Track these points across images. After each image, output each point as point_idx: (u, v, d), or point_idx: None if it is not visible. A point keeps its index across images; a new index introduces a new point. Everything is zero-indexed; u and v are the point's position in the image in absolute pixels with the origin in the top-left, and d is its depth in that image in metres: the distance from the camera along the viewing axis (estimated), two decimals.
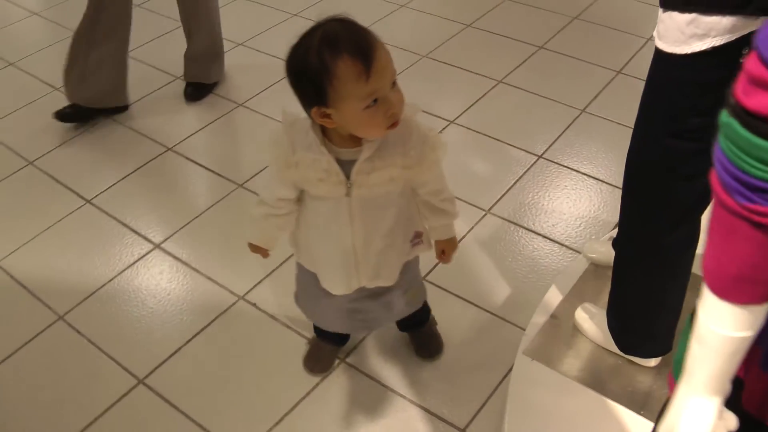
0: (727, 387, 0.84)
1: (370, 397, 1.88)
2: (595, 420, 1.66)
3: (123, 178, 2.67)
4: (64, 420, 1.89)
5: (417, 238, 1.60)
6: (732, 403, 0.88)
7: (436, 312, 1.97)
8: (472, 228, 2.35)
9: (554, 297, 1.95)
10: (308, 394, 1.89)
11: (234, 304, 2.14)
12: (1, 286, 2.27)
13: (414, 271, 1.72)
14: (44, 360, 2.04)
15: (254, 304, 2.14)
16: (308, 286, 1.68)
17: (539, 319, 1.89)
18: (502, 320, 2.05)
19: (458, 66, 3.16)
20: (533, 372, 1.78)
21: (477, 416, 1.82)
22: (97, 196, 2.59)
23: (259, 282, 2.19)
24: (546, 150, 2.65)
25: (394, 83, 1.28)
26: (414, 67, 3.16)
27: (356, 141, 1.36)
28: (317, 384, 1.91)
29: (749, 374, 0.89)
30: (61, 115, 2.84)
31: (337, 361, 1.94)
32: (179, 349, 2.04)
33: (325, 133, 1.37)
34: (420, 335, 1.95)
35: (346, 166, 1.38)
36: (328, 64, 1.21)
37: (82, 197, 2.58)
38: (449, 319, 2.04)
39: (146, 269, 2.27)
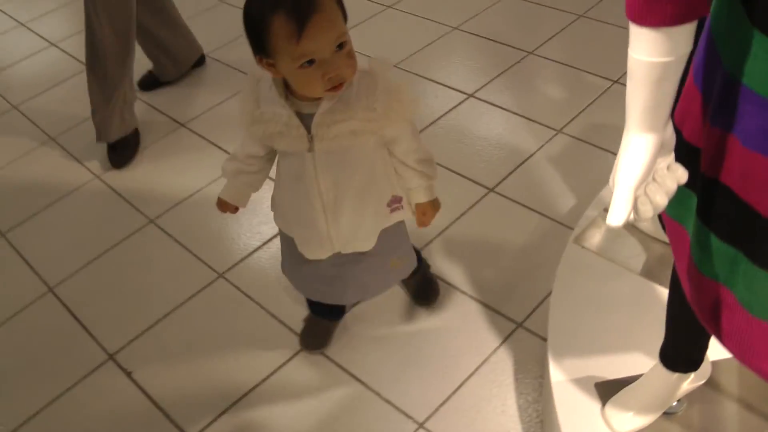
0: (661, 124, 0.87)
1: None
2: (641, 303, 1.68)
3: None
4: (151, 306, 2.07)
5: (396, 202, 1.56)
6: (692, 168, 0.92)
7: (500, 221, 2.01)
8: (543, 146, 2.40)
9: (608, 193, 1.97)
10: None
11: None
12: (102, 192, 2.49)
13: (398, 238, 1.66)
14: (135, 255, 2.23)
15: None
16: (290, 253, 1.65)
17: (592, 212, 1.91)
18: (565, 227, 2.09)
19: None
20: (581, 258, 1.79)
21: (534, 312, 1.87)
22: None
23: None
24: (621, 76, 2.65)
25: (342, 45, 1.26)
26: None
27: None
28: None
29: (704, 132, 0.92)
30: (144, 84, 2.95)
31: None
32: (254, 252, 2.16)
33: (288, 87, 1.36)
34: (414, 283, 1.92)
35: (307, 119, 1.37)
36: (265, 18, 1.21)
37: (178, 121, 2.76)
38: (514, 225, 2.09)
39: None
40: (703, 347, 1.37)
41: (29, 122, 2.93)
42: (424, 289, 1.93)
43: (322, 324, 1.89)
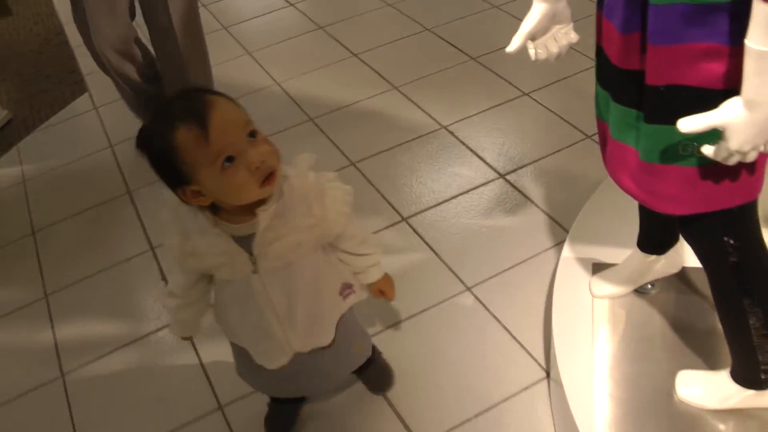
0: None
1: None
2: None
3: None
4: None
5: (347, 288, 1.54)
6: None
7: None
8: None
9: None
10: None
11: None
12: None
13: (352, 322, 1.64)
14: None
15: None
16: (242, 360, 1.61)
17: None
18: None
19: None
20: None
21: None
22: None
23: None
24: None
25: (253, 134, 1.21)
26: None
27: (251, 213, 1.27)
28: None
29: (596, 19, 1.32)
30: None
31: None
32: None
33: (216, 212, 1.30)
34: (368, 374, 1.89)
35: (245, 242, 1.31)
36: (167, 139, 1.17)
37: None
38: None
39: None
40: (666, 233, 1.72)
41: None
42: (379, 378, 1.91)
43: (286, 410, 1.86)
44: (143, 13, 2.61)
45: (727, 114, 1.05)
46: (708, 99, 1.09)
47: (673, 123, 1.11)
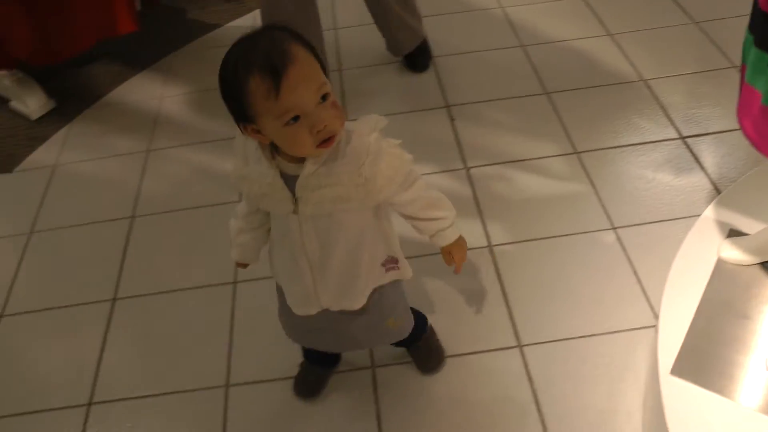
0: None
1: None
2: None
3: None
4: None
5: (391, 263, 1.52)
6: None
7: None
8: None
9: None
10: None
11: None
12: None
13: (393, 298, 1.60)
14: None
15: None
16: (282, 302, 1.62)
17: None
18: None
19: None
20: None
21: None
22: None
23: None
24: None
25: (325, 96, 1.20)
26: None
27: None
28: None
29: None
30: None
31: None
32: None
33: (275, 146, 1.30)
34: (418, 350, 1.91)
35: (291, 181, 1.31)
36: (240, 81, 1.17)
37: None
38: None
39: None
40: None
41: None
42: (428, 358, 1.93)
43: (315, 372, 1.92)
44: None
45: None
46: None
47: None
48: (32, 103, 3.34)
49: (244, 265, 1.64)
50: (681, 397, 1.58)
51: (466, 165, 2.62)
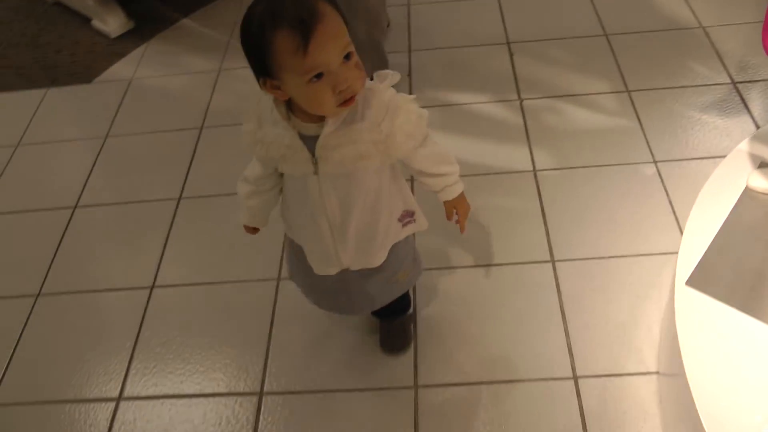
0: None
1: None
2: None
3: None
4: None
5: (408, 216, 1.53)
6: None
7: None
8: None
9: None
10: None
11: None
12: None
13: (403, 252, 1.62)
14: None
15: None
16: (297, 260, 1.62)
17: None
18: None
19: None
20: None
21: None
22: None
23: None
24: None
25: (349, 56, 1.18)
26: None
27: (321, 115, 1.27)
28: None
29: None
30: None
31: None
32: None
33: (291, 107, 1.29)
34: (389, 326, 1.91)
35: (310, 141, 1.29)
36: (267, 35, 1.14)
37: None
38: None
39: None
40: None
41: None
42: (395, 337, 1.94)
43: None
44: None
45: None
46: None
47: None
48: (112, 23, 3.55)
49: (254, 230, 1.61)
50: (693, 306, 1.67)
51: (520, 96, 2.72)
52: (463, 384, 1.86)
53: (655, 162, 2.35)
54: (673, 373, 1.67)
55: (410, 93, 2.71)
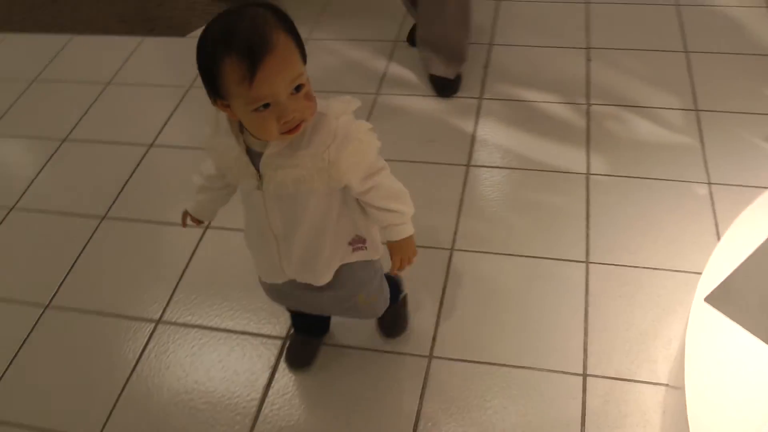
0: None
1: None
2: None
3: None
4: None
5: (359, 242, 1.52)
6: None
7: None
8: None
9: None
10: None
11: None
12: None
13: (363, 276, 1.60)
14: None
15: None
16: (257, 263, 1.65)
17: None
18: None
19: None
20: None
21: None
22: None
23: None
24: None
25: (299, 87, 1.17)
26: None
27: None
28: None
29: None
30: None
31: None
32: None
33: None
34: (384, 316, 1.87)
35: (257, 157, 1.30)
36: (216, 59, 1.13)
37: None
38: None
39: None
40: None
41: None
42: (392, 323, 1.97)
43: (304, 341, 1.96)
44: None
45: None
46: None
47: None
48: None
49: (198, 222, 1.63)
50: (707, 322, 1.67)
51: (589, 101, 2.75)
52: (476, 362, 1.93)
53: (709, 183, 2.35)
54: (677, 386, 1.70)
55: (482, 86, 2.82)
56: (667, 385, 1.84)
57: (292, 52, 1.16)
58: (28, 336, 2.15)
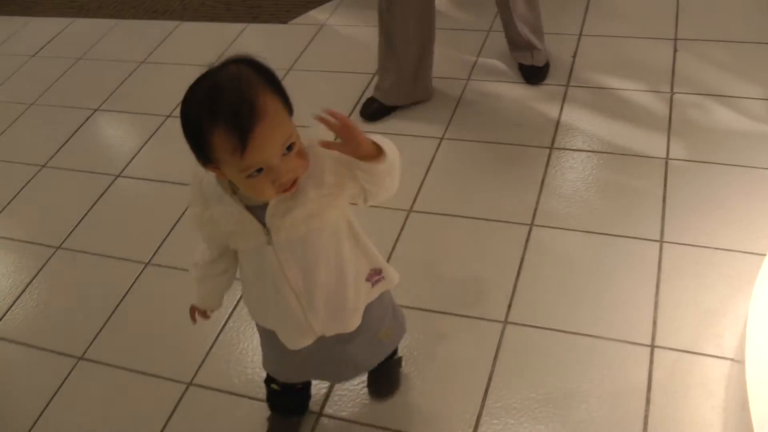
0: None
1: None
2: None
3: None
4: None
5: (376, 275, 1.47)
6: None
7: None
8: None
9: None
10: None
11: None
12: None
13: (383, 309, 1.58)
14: None
15: None
16: (271, 346, 1.57)
17: None
18: None
19: None
20: None
21: None
22: None
23: None
24: None
25: (290, 147, 1.14)
26: None
27: None
28: None
29: None
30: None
31: None
32: None
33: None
34: (377, 373, 1.84)
35: (259, 212, 1.26)
36: (204, 132, 1.10)
37: None
38: None
39: None
40: None
41: None
42: (383, 383, 1.92)
43: (285, 422, 1.85)
44: None
45: None
46: None
47: None
48: None
49: (205, 315, 1.58)
50: None
51: (673, 90, 2.82)
52: (548, 329, 2.05)
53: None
54: (740, 360, 1.78)
55: (569, 74, 2.94)
56: (732, 359, 1.91)
57: (280, 114, 1.12)
58: (130, 288, 2.39)
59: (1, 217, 2.82)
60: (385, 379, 1.91)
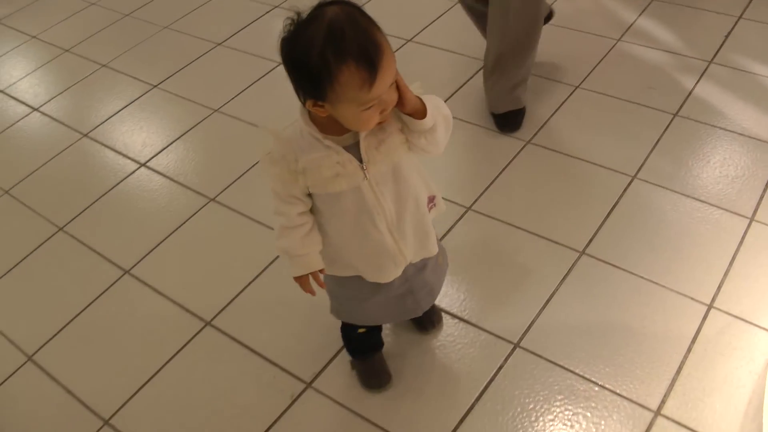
0: None
1: None
2: None
3: None
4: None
5: (431, 202, 1.55)
6: None
7: None
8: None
9: None
10: None
11: None
12: None
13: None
14: None
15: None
16: (350, 296, 1.64)
17: None
18: None
19: None
20: None
21: None
22: None
23: None
24: None
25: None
26: None
27: None
28: None
29: None
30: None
31: None
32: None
33: (318, 126, 1.32)
34: (427, 314, 1.93)
35: (352, 150, 1.33)
36: (332, 68, 1.13)
37: None
38: None
39: None
40: None
41: None
42: (430, 316, 2.01)
43: (371, 362, 1.92)
44: None
45: None
46: None
47: None
48: None
49: (319, 279, 1.52)
50: None
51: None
52: (619, 268, 2.21)
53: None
54: None
55: (715, 52, 3.03)
56: None
57: (390, 49, 1.19)
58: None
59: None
60: (432, 310, 2.02)
